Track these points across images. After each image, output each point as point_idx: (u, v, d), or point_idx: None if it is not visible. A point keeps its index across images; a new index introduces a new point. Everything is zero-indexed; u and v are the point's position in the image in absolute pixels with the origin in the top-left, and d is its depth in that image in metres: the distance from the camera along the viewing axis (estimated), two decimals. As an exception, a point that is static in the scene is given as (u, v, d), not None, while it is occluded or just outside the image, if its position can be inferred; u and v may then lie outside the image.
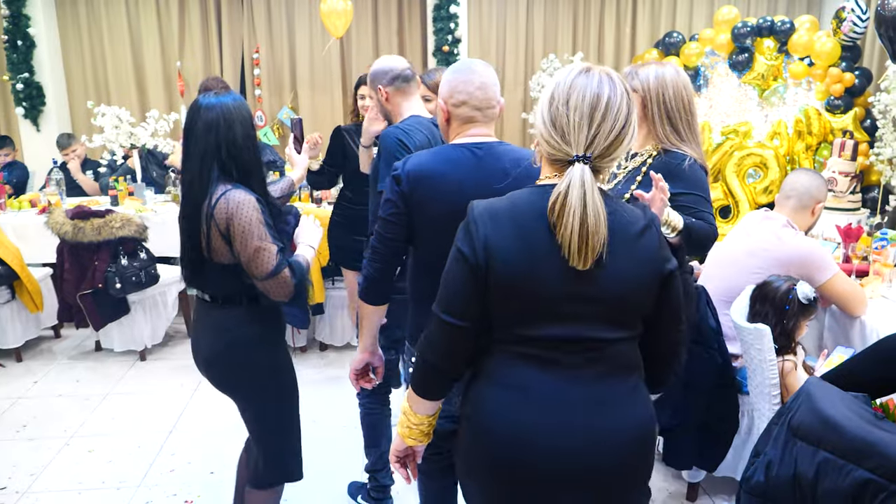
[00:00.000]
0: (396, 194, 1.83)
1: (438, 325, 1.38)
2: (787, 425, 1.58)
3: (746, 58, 5.67)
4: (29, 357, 4.39)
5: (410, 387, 1.48)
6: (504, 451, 1.35)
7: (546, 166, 1.38)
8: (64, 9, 6.21)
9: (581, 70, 1.33)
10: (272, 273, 1.87)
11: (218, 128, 1.89)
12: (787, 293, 2.20)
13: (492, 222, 1.32)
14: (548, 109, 1.32)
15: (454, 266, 1.36)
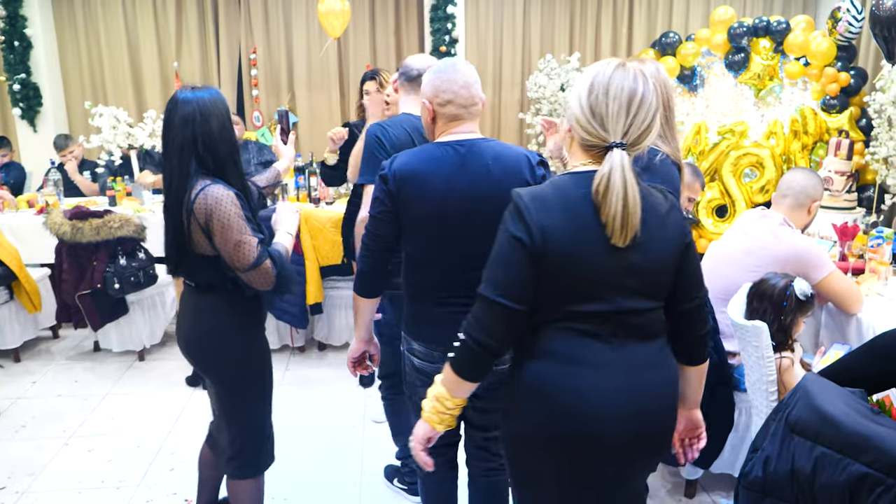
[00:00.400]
0: (384, 193, 1.90)
1: (492, 309, 1.43)
2: (785, 421, 1.59)
3: (742, 58, 5.69)
4: (27, 357, 4.39)
5: (451, 371, 1.50)
6: (569, 421, 1.44)
7: (579, 153, 1.47)
8: (61, 9, 6.20)
9: (617, 65, 1.43)
10: (254, 265, 1.95)
11: (194, 122, 1.94)
12: (784, 289, 2.22)
13: (543, 208, 1.41)
14: (587, 99, 1.41)
15: (510, 252, 1.42)
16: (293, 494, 2.89)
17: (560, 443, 1.46)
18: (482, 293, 1.44)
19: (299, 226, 4.00)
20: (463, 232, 1.88)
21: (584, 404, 1.43)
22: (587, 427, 1.43)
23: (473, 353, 1.45)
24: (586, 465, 1.47)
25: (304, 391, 3.87)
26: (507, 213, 1.45)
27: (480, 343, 1.44)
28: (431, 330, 1.98)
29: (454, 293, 1.92)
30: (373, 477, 3.01)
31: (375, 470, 3.06)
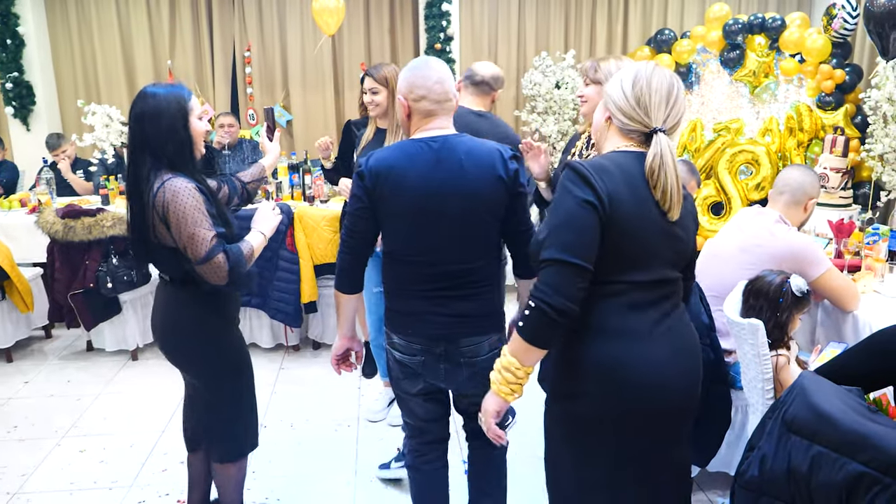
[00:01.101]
0: (361, 189, 1.94)
1: (564, 269, 1.46)
2: (781, 419, 1.58)
3: (738, 55, 5.69)
4: (19, 357, 4.37)
5: (521, 340, 1.52)
6: (639, 394, 1.53)
7: (618, 137, 1.61)
8: (53, 7, 6.17)
9: (655, 64, 1.61)
10: (205, 258, 1.96)
11: (143, 119, 1.98)
12: (780, 286, 2.20)
13: (607, 177, 1.51)
14: (631, 90, 1.56)
15: (580, 213, 1.48)
16: (286, 493, 2.87)
17: (629, 417, 1.54)
18: (553, 257, 1.47)
19: (293, 224, 4.02)
20: (438, 226, 1.91)
21: (650, 376, 1.52)
22: (654, 398, 1.53)
23: (548, 319, 1.47)
24: (647, 437, 1.56)
25: (299, 390, 3.85)
26: (565, 181, 1.51)
27: (556, 308, 1.46)
28: (410, 323, 2.01)
29: (431, 286, 1.96)
30: (366, 476, 3.00)
31: (369, 469, 3.04)
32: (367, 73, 3.14)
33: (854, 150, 4.96)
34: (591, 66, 2.41)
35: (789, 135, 5.26)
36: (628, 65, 2.30)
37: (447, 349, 2.01)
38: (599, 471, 1.60)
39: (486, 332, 2.04)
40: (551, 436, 1.71)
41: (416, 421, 2.22)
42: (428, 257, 1.95)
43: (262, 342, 4.36)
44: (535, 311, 1.48)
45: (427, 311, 1.97)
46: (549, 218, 1.53)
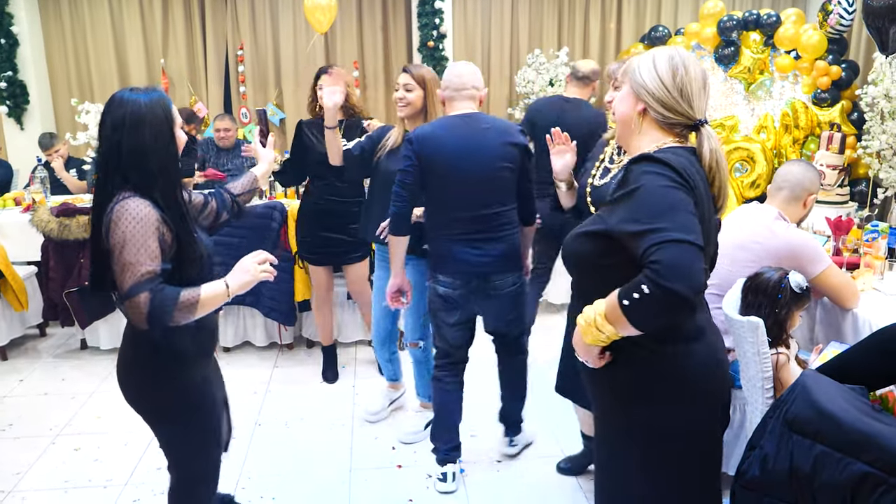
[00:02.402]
0: (410, 151, 2.55)
1: (691, 249, 1.30)
2: (783, 419, 1.57)
3: (732, 51, 5.68)
4: (14, 355, 4.34)
5: (624, 318, 1.36)
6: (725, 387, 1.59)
7: (657, 132, 1.53)
8: (47, 7, 6.14)
9: (677, 48, 1.54)
10: (125, 294, 1.69)
11: (122, 128, 1.74)
12: (779, 282, 2.19)
13: (684, 169, 1.42)
14: (672, 80, 1.48)
15: (685, 197, 1.38)
16: (281, 493, 2.86)
17: (721, 411, 1.56)
18: (675, 237, 1.30)
19: (286, 222, 3.99)
20: (470, 178, 2.52)
21: (726, 367, 1.58)
22: (728, 388, 1.60)
23: (667, 306, 1.30)
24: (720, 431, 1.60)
25: (292, 389, 3.83)
26: (647, 168, 1.40)
27: (679, 294, 1.27)
28: (452, 263, 2.60)
29: (467, 229, 2.57)
30: (361, 474, 2.98)
31: (364, 467, 3.03)
32: (404, 69, 2.97)
33: (851, 146, 4.96)
34: (616, 67, 2.35)
35: (785, 132, 5.26)
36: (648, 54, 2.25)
37: (479, 284, 2.62)
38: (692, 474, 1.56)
39: (511, 271, 2.67)
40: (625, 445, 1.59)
41: (446, 346, 2.79)
42: (464, 204, 2.55)
43: (255, 340, 4.34)
44: (650, 297, 1.29)
45: (465, 252, 2.58)
46: (642, 208, 1.37)
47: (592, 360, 1.52)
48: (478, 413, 3.45)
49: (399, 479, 2.96)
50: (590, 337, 1.45)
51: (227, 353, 4.34)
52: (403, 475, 2.98)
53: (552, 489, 2.85)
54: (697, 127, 1.50)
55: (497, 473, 2.98)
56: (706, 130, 1.49)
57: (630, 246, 1.38)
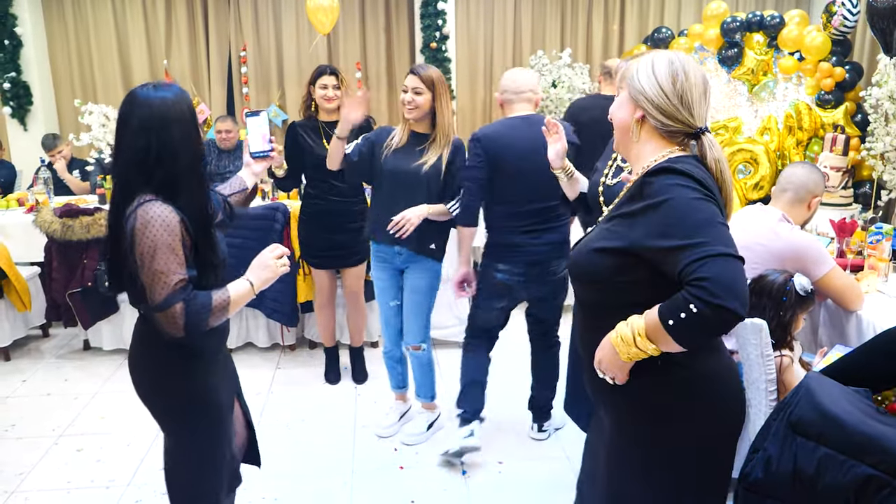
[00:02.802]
0: (479, 149, 2.81)
1: (736, 264, 1.26)
2: (787, 421, 1.57)
3: (736, 53, 5.67)
4: (17, 356, 4.34)
5: (670, 338, 1.30)
6: (740, 405, 1.53)
7: (658, 141, 1.47)
8: (50, 8, 6.16)
9: (677, 52, 1.48)
10: (160, 305, 1.66)
11: (151, 129, 1.66)
12: (783, 284, 2.18)
13: (705, 180, 1.38)
14: (672, 87, 1.42)
15: (711, 207, 1.33)
16: (283, 494, 2.85)
17: (739, 426, 1.51)
18: (719, 251, 1.25)
19: (289, 223, 3.99)
20: (529, 175, 2.77)
21: (739, 376, 1.55)
22: (743, 403, 1.55)
23: (718, 322, 1.25)
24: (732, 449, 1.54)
25: (294, 390, 3.83)
26: (672, 180, 1.35)
27: (732, 311, 1.23)
28: (516, 252, 2.87)
29: (527, 222, 2.85)
30: (363, 476, 2.98)
31: (366, 468, 3.03)
32: (411, 71, 2.93)
33: (854, 148, 4.95)
34: (621, 64, 2.30)
35: (788, 133, 5.25)
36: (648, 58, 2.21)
37: (539, 270, 2.89)
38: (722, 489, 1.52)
39: (564, 257, 2.91)
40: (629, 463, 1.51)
41: (486, 324, 3.04)
42: (526, 198, 2.82)
43: (258, 341, 4.34)
44: (700, 315, 1.23)
45: (525, 242, 2.86)
46: (674, 221, 1.31)
47: (622, 376, 1.44)
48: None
49: (401, 480, 2.95)
50: (626, 355, 1.38)
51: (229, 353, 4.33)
52: (405, 476, 2.98)
53: (554, 490, 2.85)
54: (698, 135, 1.44)
55: (499, 475, 2.98)
56: (708, 139, 1.44)
57: (661, 261, 1.33)
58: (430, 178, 2.94)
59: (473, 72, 6.59)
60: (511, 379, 3.88)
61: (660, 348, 1.34)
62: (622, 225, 1.42)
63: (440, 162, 2.95)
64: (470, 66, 6.58)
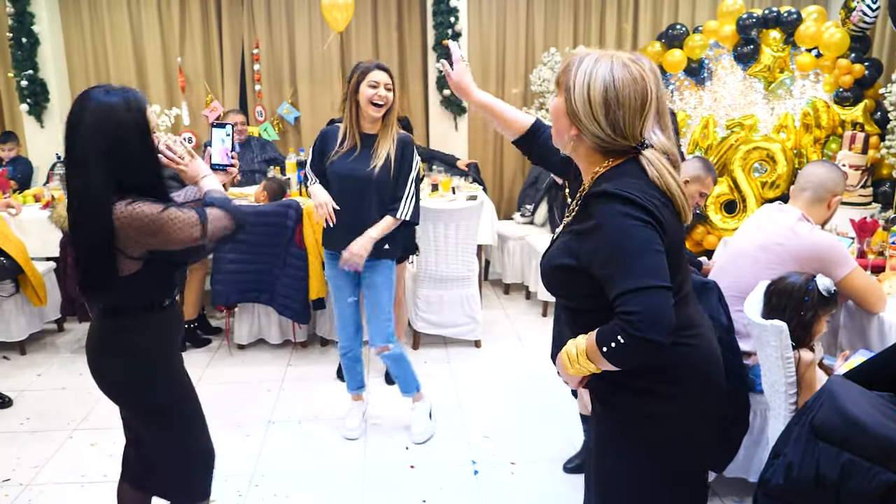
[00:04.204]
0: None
1: (657, 294, 1.33)
2: (809, 425, 1.53)
3: (752, 49, 5.61)
4: (33, 350, 4.37)
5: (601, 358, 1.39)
6: (717, 378, 1.55)
7: (598, 157, 1.49)
8: (67, 7, 6.20)
9: (622, 65, 1.41)
10: (201, 221, 1.79)
11: (108, 132, 1.70)
12: (805, 285, 2.14)
13: (648, 197, 1.39)
14: (604, 116, 1.41)
15: (651, 237, 1.36)
16: (294, 491, 2.85)
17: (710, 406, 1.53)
18: (642, 285, 1.32)
19: (302, 220, 3.99)
20: None
21: (717, 365, 1.55)
22: (721, 384, 1.56)
23: (645, 348, 1.33)
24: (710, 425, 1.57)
25: (306, 387, 3.83)
26: (609, 207, 1.38)
27: (653, 339, 1.31)
28: None
29: None
30: (374, 474, 2.97)
31: (377, 466, 3.02)
32: (379, 67, 2.89)
33: (874, 146, 4.88)
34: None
35: (805, 131, 5.18)
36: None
37: None
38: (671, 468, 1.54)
39: None
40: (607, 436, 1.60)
41: None
42: None
43: (270, 338, 4.34)
44: (633, 340, 1.32)
45: None
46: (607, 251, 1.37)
47: (574, 384, 1.57)
48: (491, 414, 3.44)
49: (412, 479, 2.94)
50: (573, 370, 1.48)
51: (241, 350, 4.34)
52: (417, 475, 2.97)
53: (565, 490, 2.83)
54: (637, 151, 1.44)
55: (511, 476, 2.96)
56: (647, 155, 1.43)
57: (601, 284, 1.40)
58: (380, 179, 2.93)
59: (485, 70, 6.56)
60: (525, 379, 3.88)
61: (600, 367, 1.43)
62: (574, 241, 1.47)
63: (388, 161, 2.92)
64: (482, 64, 6.54)
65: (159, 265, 1.85)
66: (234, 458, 3.09)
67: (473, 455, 3.10)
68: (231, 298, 4.09)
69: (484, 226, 4.52)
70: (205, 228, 1.79)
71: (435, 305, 4.24)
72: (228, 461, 3.05)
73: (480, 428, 3.32)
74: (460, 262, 4.18)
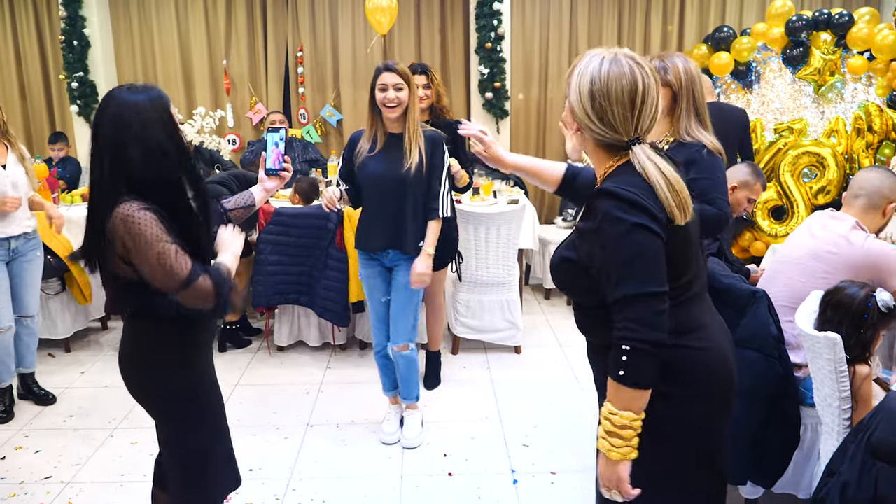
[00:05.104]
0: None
1: (649, 301, 1.36)
2: (866, 444, 1.46)
3: (801, 52, 5.46)
4: (77, 348, 4.47)
5: (627, 389, 1.38)
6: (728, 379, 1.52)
7: (601, 153, 1.51)
8: (117, 10, 6.35)
9: (611, 60, 1.43)
10: (187, 280, 1.67)
11: (125, 129, 1.68)
12: (865, 300, 2.05)
13: (647, 195, 1.39)
14: (591, 109, 1.44)
15: (645, 241, 1.37)
16: (332, 497, 2.84)
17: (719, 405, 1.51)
18: (627, 294, 1.36)
19: (343, 223, 4.00)
20: None
21: (729, 362, 1.52)
22: (731, 382, 1.52)
23: (649, 354, 1.36)
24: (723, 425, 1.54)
25: (344, 390, 3.83)
26: (610, 209, 1.38)
27: (653, 342, 1.36)
28: None
29: None
30: (412, 480, 2.95)
31: (414, 473, 3.00)
32: (387, 68, 2.90)
33: (929, 152, 4.71)
34: (659, 66, 2.27)
35: (857, 136, 5.02)
36: (693, 64, 2.28)
37: None
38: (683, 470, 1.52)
39: None
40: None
41: None
42: None
43: (309, 340, 4.36)
44: (637, 352, 1.36)
45: None
46: (604, 254, 1.40)
47: (625, 489, 1.43)
48: (531, 422, 3.39)
49: (451, 487, 2.91)
50: (618, 452, 1.41)
51: (280, 351, 4.37)
52: (455, 483, 2.94)
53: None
54: (629, 147, 1.45)
55: (551, 486, 2.91)
56: (636, 151, 1.44)
57: (602, 285, 1.43)
58: (415, 179, 2.93)
59: (528, 73, 6.52)
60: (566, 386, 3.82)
61: (632, 410, 1.39)
62: (578, 238, 1.50)
63: (421, 159, 2.92)
64: (525, 67, 6.50)
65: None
66: (273, 460, 3.10)
67: (513, 464, 3.06)
68: (271, 300, 4.12)
69: (525, 230, 4.47)
70: (181, 288, 1.69)
71: (475, 310, 4.21)
72: (266, 463, 3.06)
73: (520, 436, 3.28)
74: (501, 266, 4.15)
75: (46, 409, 3.64)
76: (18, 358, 3.64)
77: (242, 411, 3.57)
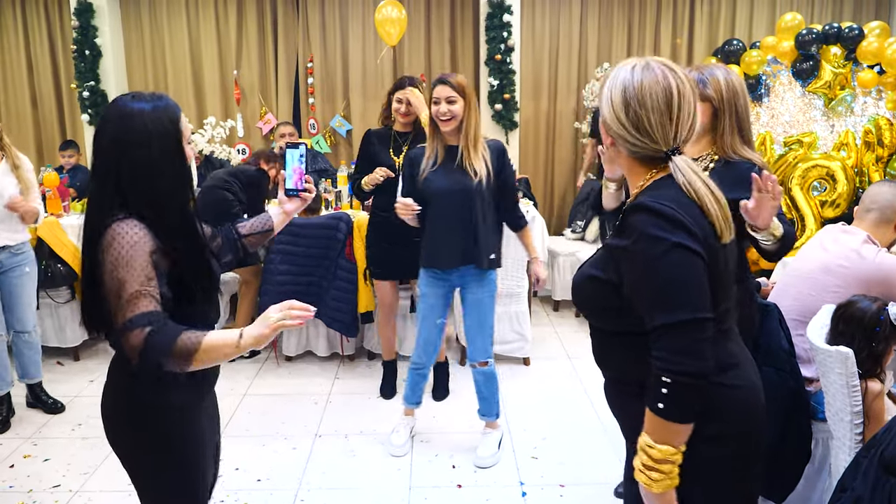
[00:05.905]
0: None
1: (691, 329, 1.27)
2: (879, 460, 1.46)
3: (811, 66, 5.46)
4: (86, 356, 4.49)
5: (667, 423, 1.30)
6: (761, 415, 1.43)
7: (637, 167, 1.43)
8: (129, 20, 6.41)
9: (643, 67, 1.37)
10: (124, 325, 1.43)
11: (124, 142, 1.51)
12: (877, 314, 2.05)
13: (684, 210, 1.31)
14: (626, 117, 1.37)
15: (686, 262, 1.29)
16: (342, 507, 2.84)
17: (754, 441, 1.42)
18: (673, 321, 1.27)
19: (352, 234, 4.01)
20: None
21: (758, 396, 1.43)
22: (762, 418, 1.44)
23: (693, 387, 1.28)
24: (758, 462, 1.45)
25: (353, 401, 3.83)
26: (645, 226, 1.30)
27: (695, 373, 1.27)
28: None
29: None
30: (420, 492, 2.94)
31: (423, 485, 2.99)
32: (441, 80, 2.85)
33: (939, 166, 4.69)
34: (698, 78, 2.12)
35: (867, 149, 5.01)
36: (736, 77, 2.14)
37: None
38: None
39: None
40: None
41: None
42: None
43: (317, 351, 4.37)
44: (678, 385, 1.26)
45: None
46: (640, 277, 1.32)
47: None
48: (540, 435, 3.38)
49: (459, 499, 2.90)
50: (659, 485, 1.32)
51: (288, 361, 4.37)
52: (463, 495, 2.93)
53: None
54: (668, 157, 1.37)
55: (560, 498, 2.90)
56: (676, 162, 1.35)
57: (630, 303, 1.35)
58: (486, 190, 2.89)
59: (538, 84, 6.54)
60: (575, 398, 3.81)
61: (673, 444, 1.31)
62: (608, 256, 1.42)
63: (489, 170, 2.90)
64: (535, 79, 6.52)
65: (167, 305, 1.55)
66: (281, 470, 3.10)
67: (521, 476, 3.05)
68: (279, 310, 4.12)
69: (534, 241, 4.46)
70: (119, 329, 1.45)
71: (482, 321, 4.19)
72: (275, 473, 3.06)
73: (529, 448, 3.27)
74: (510, 277, 4.14)
75: (55, 418, 3.64)
76: (22, 370, 3.65)
77: (251, 421, 3.58)
